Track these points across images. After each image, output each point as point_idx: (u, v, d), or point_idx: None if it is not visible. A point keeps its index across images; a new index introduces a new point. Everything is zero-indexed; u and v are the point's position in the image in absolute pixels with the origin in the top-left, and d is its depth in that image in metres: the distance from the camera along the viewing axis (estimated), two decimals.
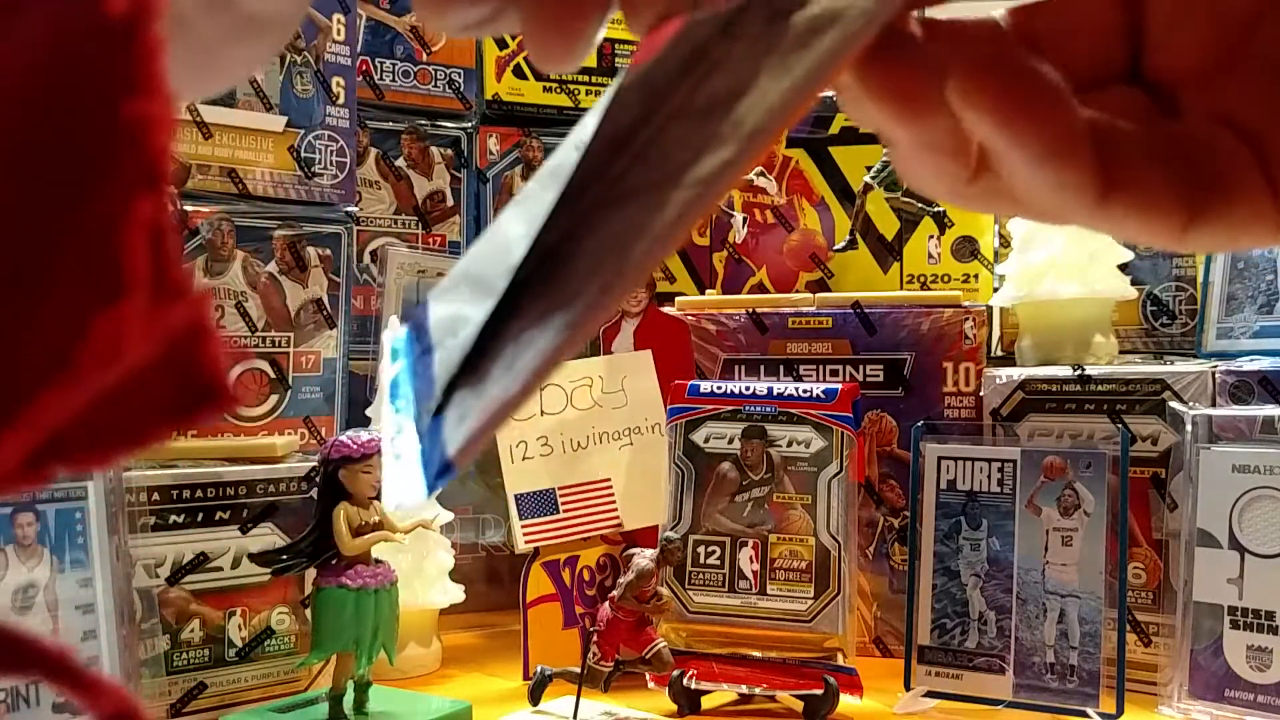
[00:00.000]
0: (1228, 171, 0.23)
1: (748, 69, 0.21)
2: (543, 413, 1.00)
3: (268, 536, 0.89)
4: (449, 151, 1.30)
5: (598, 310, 0.19)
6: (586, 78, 1.36)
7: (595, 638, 0.85)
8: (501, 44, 1.32)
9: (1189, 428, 0.88)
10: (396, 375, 0.23)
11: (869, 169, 1.17)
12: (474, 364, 0.20)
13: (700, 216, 0.20)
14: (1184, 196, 0.22)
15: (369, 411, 1.03)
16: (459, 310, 0.22)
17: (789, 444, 0.93)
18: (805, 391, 0.94)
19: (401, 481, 0.21)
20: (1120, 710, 0.82)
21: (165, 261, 0.14)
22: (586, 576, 0.99)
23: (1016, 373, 0.98)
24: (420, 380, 0.22)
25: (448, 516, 1.00)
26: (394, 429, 0.21)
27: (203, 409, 0.15)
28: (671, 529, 0.93)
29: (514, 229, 0.22)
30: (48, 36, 0.13)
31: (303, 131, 1.09)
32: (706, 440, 0.96)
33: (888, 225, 1.19)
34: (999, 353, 1.12)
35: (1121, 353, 1.04)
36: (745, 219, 1.21)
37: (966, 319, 1.02)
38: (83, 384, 0.14)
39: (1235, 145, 0.23)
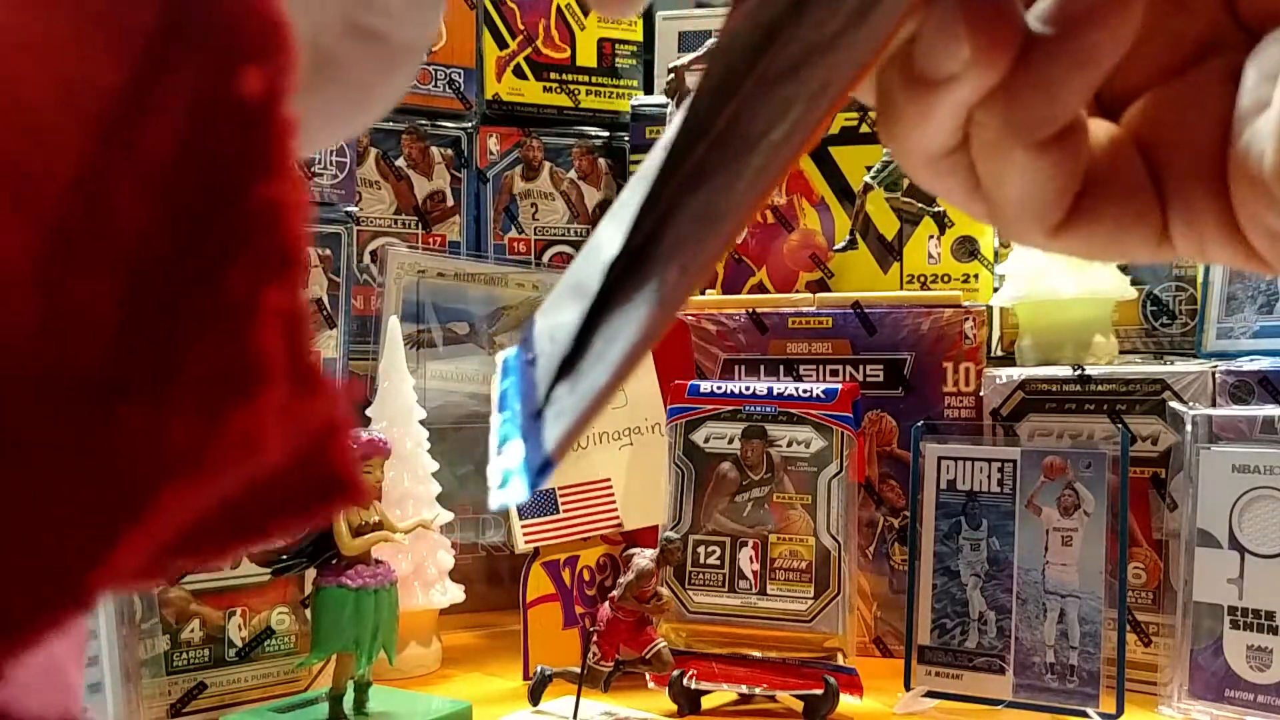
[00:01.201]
0: (1118, 173, 0.23)
1: (816, 35, 0.21)
2: None
3: None
4: (449, 151, 1.30)
5: (680, 290, 0.20)
6: (587, 78, 1.36)
7: (595, 638, 0.85)
8: (501, 44, 1.32)
9: (1189, 428, 0.88)
10: (505, 389, 0.23)
11: (869, 169, 1.17)
12: (571, 363, 0.21)
13: (774, 182, 0.20)
14: (1075, 190, 0.23)
15: (369, 411, 1.03)
16: (559, 319, 0.22)
17: (789, 444, 0.93)
18: (805, 391, 0.94)
19: (507, 488, 0.21)
20: (1120, 710, 0.82)
21: (300, 352, 0.13)
22: (586, 576, 0.99)
23: (1016, 373, 0.98)
24: (525, 389, 0.22)
25: (448, 516, 1.00)
26: (499, 440, 0.22)
27: (330, 505, 0.14)
28: (671, 529, 0.93)
29: (605, 233, 0.23)
30: (183, 115, 0.13)
31: None
32: (706, 440, 0.96)
33: (888, 225, 1.19)
34: (999, 353, 1.12)
35: (1121, 353, 1.04)
36: None
37: (966, 319, 1.02)
38: (214, 482, 0.13)
39: (1131, 153, 0.23)
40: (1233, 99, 0.22)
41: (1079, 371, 0.95)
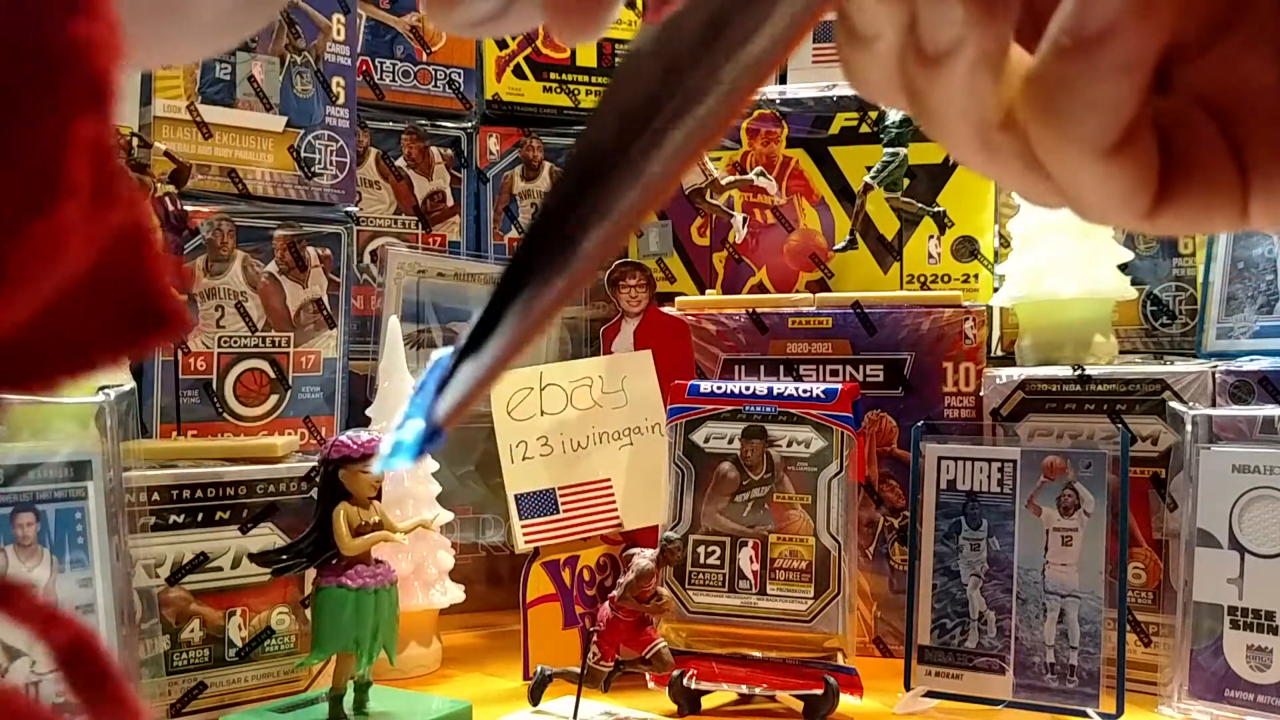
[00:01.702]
0: (1198, 152, 0.22)
1: (761, 16, 0.21)
2: (543, 413, 1.00)
3: (268, 536, 0.89)
4: (449, 151, 1.30)
5: (590, 263, 0.20)
6: (586, 78, 1.36)
7: (595, 638, 0.85)
8: (501, 44, 1.32)
9: (1189, 428, 0.88)
10: (424, 378, 0.23)
11: (869, 169, 1.17)
12: (477, 341, 0.21)
13: (692, 158, 0.20)
14: (1157, 179, 0.22)
15: (369, 411, 1.03)
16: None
17: (789, 444, 0.93)
18: (805, 391, 0.94)
19: (395, 455, 0.21)
20: (1120, 710, 0.82)
21: (106, 177, 0.14)
22: (586, 576, 0.99)
23: (1016, 373, 0.98)
24: (439, 374, 0.22)
25: (448, 516, 1.00)
26: (402, 417, 0.22)
27: (150, 330, 0.15)
28: (671, 529, 0.93)
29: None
30: None
31: (303, 131, 1.09)
32: (706, 440, 0.96)
33: (888, 225, 1.19)
34: (999, 353, 1.12)
35: (1121, 353, 1.04)
36: (745, 219, 1.21)
37: (966, 319, 1.02)
38: (20, 293, 0.13)
39: (1206, 123, 0.22)
40: None
41: (1079, 371, 0.95)
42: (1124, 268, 1.03)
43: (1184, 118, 0.22)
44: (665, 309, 1.10)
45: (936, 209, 1.17)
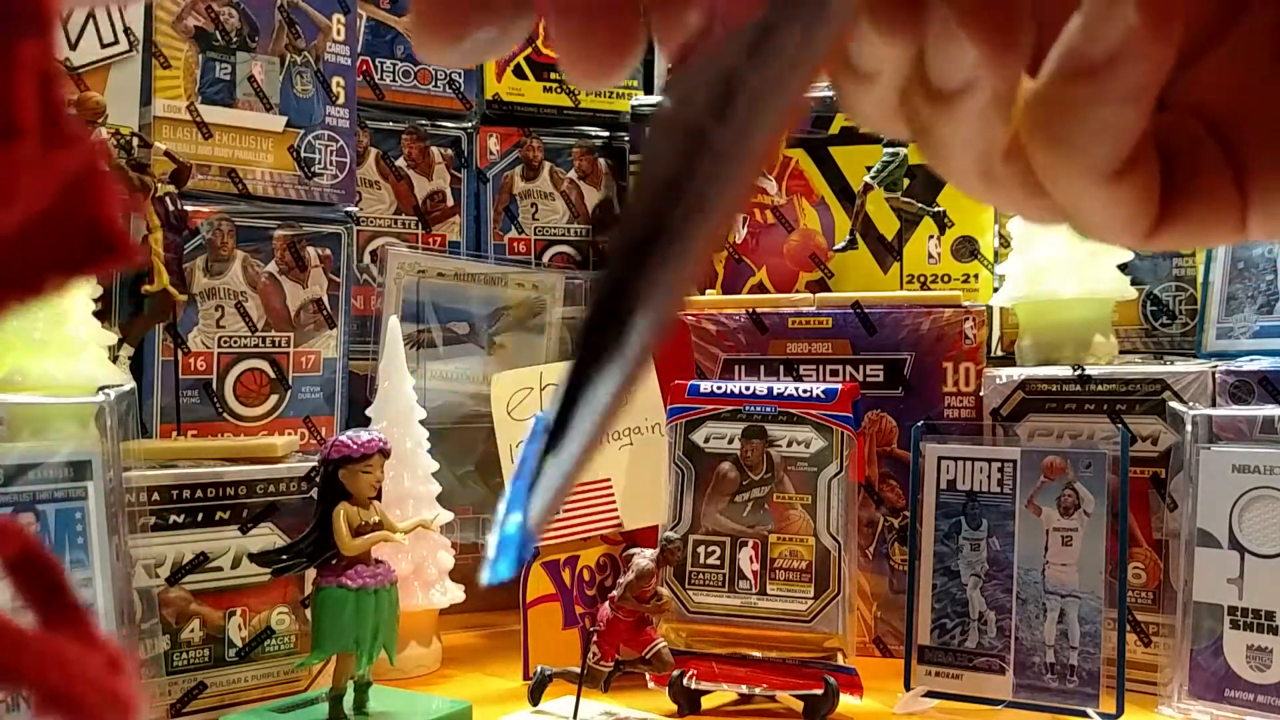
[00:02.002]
0: (1198, 170, 0.22)
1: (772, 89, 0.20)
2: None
3: (268, 536, 0.89)
4: (449, 151, 1.30)
5: (650, 342, 0.20)
6: None
7: (595, 638, 0.85)
8: None
9: (1189, 428, 0.88)
10: (525, 454, 0.23)
11: (869, 169, 1.17)
12: (556, 435, 0.21)
13: (733, 213, 0.20)
14: (1158, 200, 0.22)
15: (369, 411, 1.03)
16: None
17: (789, 444, 0.93)
18: (805, 391, 0.94)
19: (497, 562, 0.21)
20: (1120, 710, 0.82)
21: (54, 108, 0.14)
22: (586, 576, 0.99)
23: (1016, 373, 0.98)
24: (530, 460, 0.22)
25: (448, 516, 1.00)
26: (501, 511, 0.22)
27: (99, 257, 0.15)
28: (671, 529, 0.93)
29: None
30: None
31: (303, 131, 1.09)
32: (706, 440, 0.96)
33: (888, 225, 1.19)
34: (999, 353, 1.12)
35: (1121, 353, 1.04)
36: (745, 219, 1.21)
37: (966, 319, 1.02)
38: None
39: (1204, 138, 0.22)
40: None
41: (1079, 371, 0.95)
42: (1124, 268, 1.03)
43: (1183, 133, 0.22)
44: None
45: (936, 209, 1.17)
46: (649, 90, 1.37)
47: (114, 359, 0.91)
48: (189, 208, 1.01)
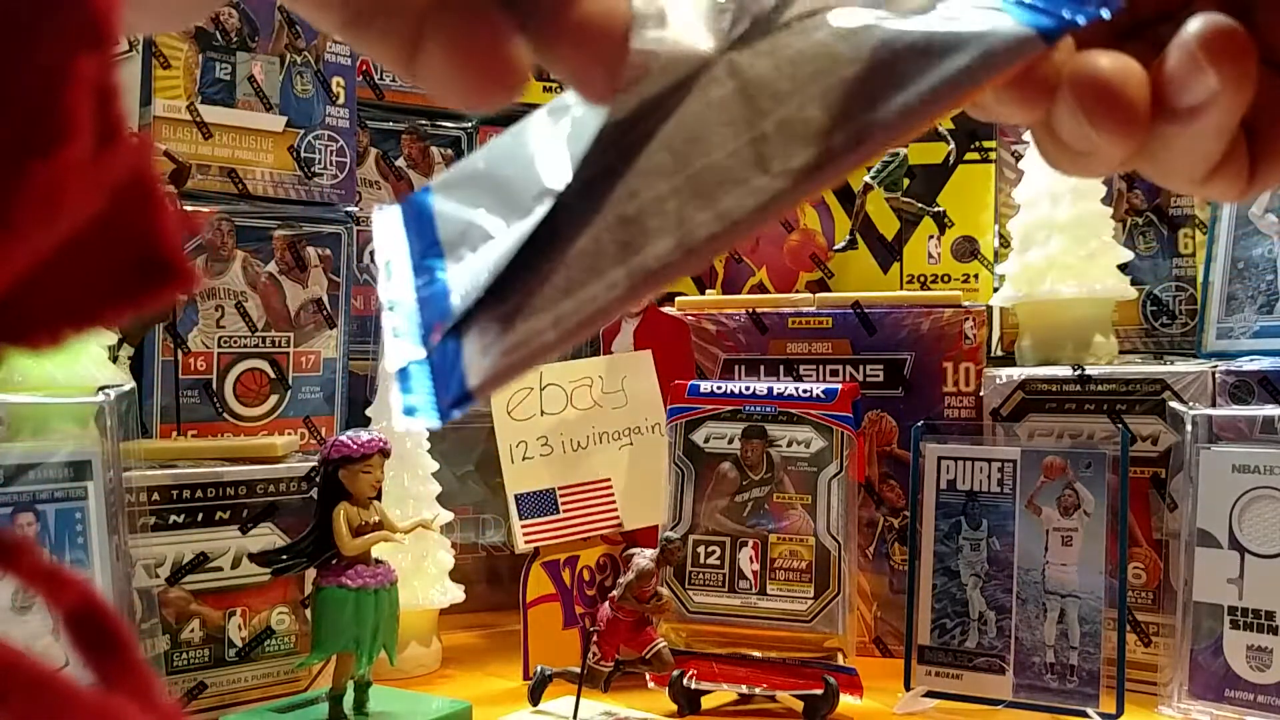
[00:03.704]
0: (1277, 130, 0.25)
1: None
2: (543, 413, 1.00)
3: (268, 536, 0.89)
4: (449, 151, 1.30)
5: (670, 268, 0.19)
6: None
7: (595, 638, 0.85)
8: None
9: (1189, 428, 0.88)
10: (391, 259, 0.22)
11: (869, 169, 1.17)
12: (501, 291, 0.20)
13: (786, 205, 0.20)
14: (1247, 175, 0.25)
15: (369, 411, 1.03)
16: (474, 218, 0.21)
17: (789, 444, 0.93)
18: (805, 391, 0.94)
19: (413, 400, 0.20)
20: (1120, 710, 0.82)
21: (109, 118, 0.13)
22: (586, 576, 0.99)
23: (1016, 373, 0.98)
24: (426, 284, 0.21)
25: (448, 516, 1.00)
26: (394, 333, 0.21)
27: (154, 281, 0.14)
28: (671, 529, 0.93)
29: (544, 148, 0.21)
30: None
31: (303, 131, 1.09)
32: (706, 440, 0.96)
33: (888, 225, 1.19)
34: (999, 353, 1.12)
35: (1121, 353, 1.04)
36: None
37: (966, 319, 1.02)
38: (21, 241, 0.13)
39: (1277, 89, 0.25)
40: None
41: (1079, 371, 0.95)
42: (1124, 268, 1.03)
43: (1265, 95, 0.24)
44: (665, 309, 1.10)
45: (936, 209, 1.17)
46: None
47: (114, 359, 0.91)
48: (189, 208, 1.01)
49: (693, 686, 0.86)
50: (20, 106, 0.13)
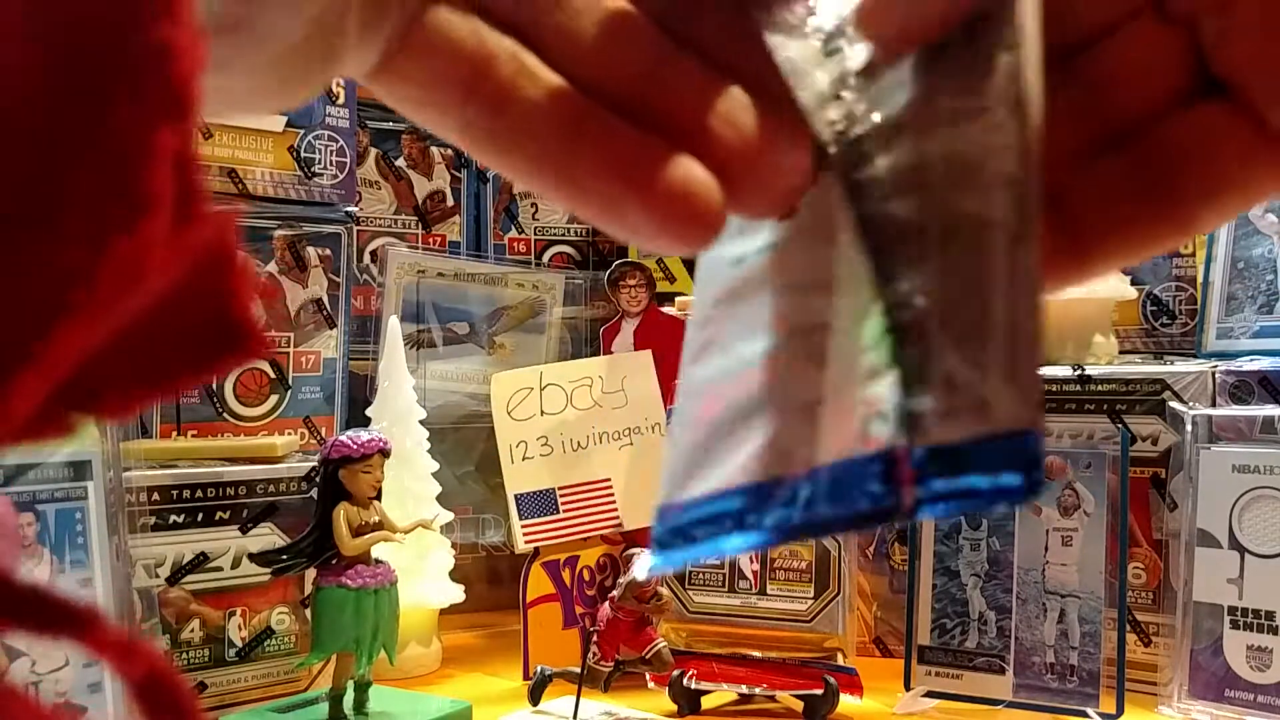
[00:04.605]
0: None
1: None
2: (543, 413, 1.00)
3: (268, 536, 0.89)
4: (449, 151, 1.30)
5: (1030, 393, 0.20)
6: None
7: (595, 638, 0.85)
8: None
9: (1189, 428, 0.88)
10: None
11: None
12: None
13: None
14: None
15: (369, 411, 1.03)
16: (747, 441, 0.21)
17: None
18: None
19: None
20: (1120, 710, 0.82)
21: (189, 190, 0.13)
22: (586, 576, 0.99)
23: None
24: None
25: (448, 516, 1.00)
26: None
27: (228, 349, 0.14)
28: None
29: (752, 347, 0.22)
30: None
31: (303, 131, 1.09)
32: None
33: None
34: None
35: (1121, 353, 1.04)
36: None
37: None
38: (104, 312, 0.13)
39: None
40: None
41: (1079, 371, 0.95)
42: (1124, 268, 1.03)
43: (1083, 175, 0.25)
44: (665, 309, 1.10)
45: None
46: None
47: None
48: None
49: (693, 686, 0.86)
50: (102, 178, 0.13)
